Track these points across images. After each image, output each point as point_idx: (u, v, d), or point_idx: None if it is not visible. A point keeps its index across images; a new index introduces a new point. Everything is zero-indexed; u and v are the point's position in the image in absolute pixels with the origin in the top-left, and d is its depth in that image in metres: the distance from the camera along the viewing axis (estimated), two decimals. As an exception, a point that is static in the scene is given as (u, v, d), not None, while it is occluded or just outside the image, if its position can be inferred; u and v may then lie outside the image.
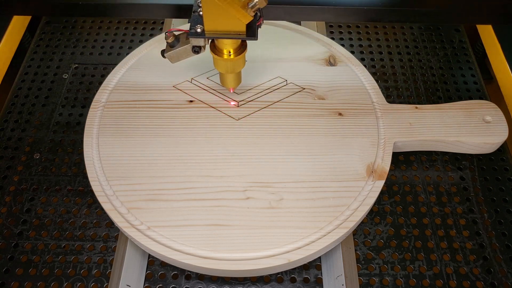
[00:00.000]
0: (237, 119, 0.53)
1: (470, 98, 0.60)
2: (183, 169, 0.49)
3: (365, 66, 0.59)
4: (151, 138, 0.52)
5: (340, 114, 0.54)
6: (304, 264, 0.47)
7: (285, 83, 0.57)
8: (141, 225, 0.45)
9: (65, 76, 0.63)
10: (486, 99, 0.59)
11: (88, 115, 0.54)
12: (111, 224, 0.49)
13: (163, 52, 0.48)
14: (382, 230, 0.49)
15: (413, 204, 0.51)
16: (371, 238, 0.48)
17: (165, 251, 0.44)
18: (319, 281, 0.46)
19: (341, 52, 0.60)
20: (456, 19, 0.54)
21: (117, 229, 0.48)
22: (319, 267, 0.47)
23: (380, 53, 0.66)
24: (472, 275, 0.46)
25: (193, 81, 0.57)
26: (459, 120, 0.54)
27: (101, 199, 0.47)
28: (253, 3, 0.41)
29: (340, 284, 0.44)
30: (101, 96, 0.55)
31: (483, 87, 0.62)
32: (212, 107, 0.54)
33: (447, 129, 0.53)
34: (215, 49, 0.47)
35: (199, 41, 0.45)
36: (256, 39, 0.44)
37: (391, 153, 0.51)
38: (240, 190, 0.48)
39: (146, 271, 0.47)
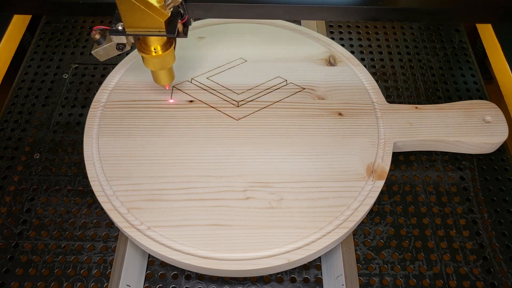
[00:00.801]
0: (237, 119, 0.53)
1: (470, 98, 0.60)
2: (183, 169, 0.49)
3: (365, 66, 0.59)
4: (151, 138, 0.52)
5: (340, 114, 0.54)
6: (304, 264, 0.47)
7: (285, 83, 0.57)
8: (141, 225, 0.45)
9: (65, 76, 0.63)
10: (486, 99, 0.59)
11: (88, 115, 0.54)
12: (111, 224, 0.49)
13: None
14: (382, 230, 0.49)
15: (413, 204, 0.51)
16: (371, 238, 0.48)
17: (165, 251, 0.44)
18: (319, 281, 0.46)
19: (341, 52, 0.60)
20: (456, 18, 0.54)
21: (117, 229, 0.48)
22: (319, 267, 0.47)
23: (380, 53, 0.66)
24: (472, 275, 0.46)
25: (193, 81, 0.57)
26: (459, 120, 0.54)
27: (101, 199, 0.47)
28: (168, 1, 0.41)
29: (340, 284, 0.44)
30: (101, 96, 0.55)
31: (483, 87, 0.62)
32: (212, 107, 0.54)
33: (447, 129, 0.53)
34: (142, 47, 0.47)
35: (121, 39, 0.45)
36: (184, 37, 0.44)
37: (391, 153, 0.51)
38: (240, 190, 0.48)
39: (146, 271, 0.47)
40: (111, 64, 0.63)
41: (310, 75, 0.57)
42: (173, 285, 0.46)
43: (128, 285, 0.44)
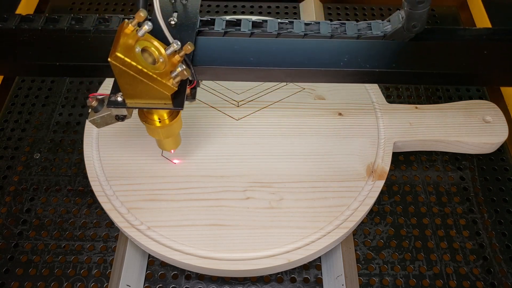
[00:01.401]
0: (237, 119, 0.53)
1: (470, 98, 0.60)
2: (183, 169, 0.49)
3: (365, 66, 0.59)
4: (151, 138, 0.51)
5: (340, 114, 0.54)
6: (304, 264, 0.47)
7: (285, 83, 0.57)
8: (141, 225, 0.45)
9: (65, 76, 0.63)
10: (486, 99, 0.59)
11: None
12: (111, 224, 0.49)
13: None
14: (382, 230, 0.49)
15: (413, 204, 0.51)
16: (371, 238, 0.48)
17: (165, 251, 0.44)
18: (319, 281, 0.46)
19: (341, 52, 0.60)
20: (478, 82, 0.51)
21: (117, 229, 0.48)
22: (319, 267, 0.47)
23: (380, 53, 0.65)
24: (472, 275, 0.46)
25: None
26: (459, 120, 0.53)
27: (101, 199, 0.47)
28: (175, 73, 0.35)
29: (340, 284, 0.44)
30: (101, 96, 0.55)
31: (483, 87, 0.61)
32: (212, 107, 0.54)
33: (447, 129, 0.53)
34: (144, 116, 0.41)
35: (121, 111, 0.39)
36: (192, 100, 0.39)
37: (391, 153, 0.51)
38: (240, 190, 0.48)
39: (146, 271, 0.47)
40: (111, 64, 0.63)
41: (310, 75, 0.57)
42: (173, 285, 0.46)
43: (128, 285, 0.44)
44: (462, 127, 0.53)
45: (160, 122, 0.41)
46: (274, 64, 0.40)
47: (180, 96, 0.38)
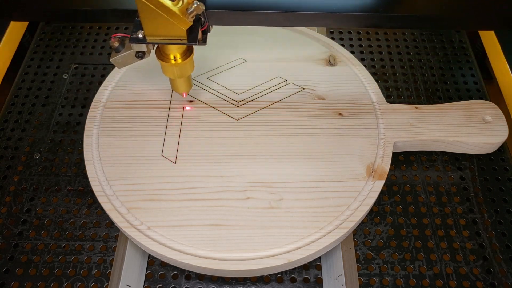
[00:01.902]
0: (237, 119, 0.53)
1: (470, 98, 0.60)
2: (183, 169, 0.49)
3: (365, 66, 0.59)
4: (151, 138, 0.52)
5: (340, 114, 0.54)
6: (304, 264, 0.47)
7: (285, 83, 0.57)
8: (141, 225, 0.45)
9: (65, 76, 0.63)
10: (486, 99, 0.59)
11: (88, 115, 0.54)
12: (111, 224, 0.49)
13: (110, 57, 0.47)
14: (382, 230, 0.49)
15: (413, 204, 0.51)
16: (371, 238, 0.48)
17: (165, 251, 0.44)
18: (319, 281, 0.46)
19: (341, 52, 0.60)
20: (458, 25, 0.54)
21: (117, 229, 0.48)
22: (319, 267, 0.47)
23: (380, 53, 0.66)
24: (472, 275, 0.46)
25: (193, 81, 0.57)
26: (459, 120, 0.54)
27: (101, 199, 0.47)
28: (191, 9, 0.40)
29: (340, 284, 0.44)
30: (101, 96, 0.55)
31: (483, 87, 0.62)
32: (212, 107, 0.54)
33: (447, 129, 0.53)
34: (161, 55, 0.46)
35: (141, 47, 0.44)
36: (203, 44, 0.43)
37: (391, 153, 0.51)
38: (240, 190, 0.48)
39: (146, 271, 0.47)
40: (111, 64, 0.63)
41: (310, 75, 0.57)
42: (173, 285, 0.46)
43: (128, 285, 0.44)
44: (462, 127, 0.53)
45: (174, 60, 0.46)
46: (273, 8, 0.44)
47: (194, 33, 0.42)
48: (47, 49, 0.66)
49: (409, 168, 0.54)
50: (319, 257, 0.48)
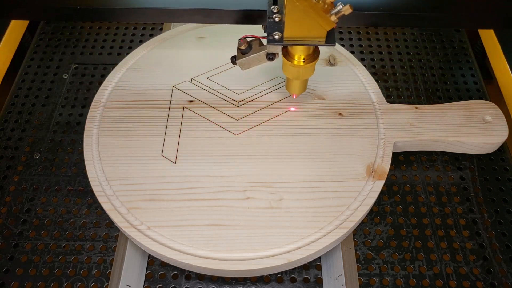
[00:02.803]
0: (237, 119, 0.53)
1: (470, 98, 0.60)
2: (183, 169, 0.49)
3: (365, 66, 0.59)
4: (151, 138, 0.52)
5: (340, 114, 0.54)
6: (304, 264, 0.47)
7: (285, 83, 0.57)
8: (141, 225, 0.45)
9: (65, 76, 0.63)
10: (486, 99, 0.59)
11: (88, 115, 0.54)
12: (111, 224, 0.49)
13: (233, 59, 0.48)
14: (382, 230, 0.49)
15: (413, 204, 0.51)
16: (371, 238, 0.48)
17: (165, 251, 0.44)
18: (319, 281, 0.46)
19: (341, 52, 0.60)
20: (457, 24, 0.54)
21: (117, 229, 0.48)
22: (319, 267, 0.47)
23: (380, 53, 0.66)
24: (472, 275, 0.46)
25: (193, 81, 0.57)
26: (459, 120, 0.53)
27: (101, 199, 0.47)
28: (337, 10, 0.39)
29: (340, 284, 0.44)
30: (101, 96, 0.55)
31: (483, 87, 0.62)
32: (212, 107, 0.54)
33: (447, 129, 0.53)
34: (287, 54, 0.46)
35: (277, 48, 0.45)
36: (335, 45, 0.43)
37: (391, 153, 0.51)
38: (240, 190, 0.48)
39: (146, 271, 0.47)
40: (111, 64, 0.63)
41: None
42: (173, 285, 0.46)
43: (128, 285, 0.44)
44: (462, 127, 0.53)
45: (298, 61, 0.46)
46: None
47: (332, 34, 0.42)
48: (47, 49, 0.66)
49: (409, 168, 0.54)
50: (319, 257, 0.48)
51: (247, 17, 0.46)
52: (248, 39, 0.47)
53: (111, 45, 0.67)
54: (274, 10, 0.44)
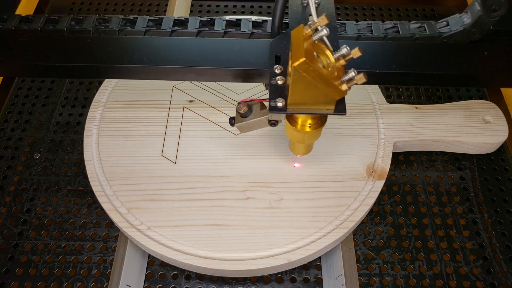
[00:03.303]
0: (237, 119, 0.53)
1: (470, 98, 0.60)
2: (183, 169, 0.49)
3: (365, 66, 0.59)
4: (151, 138, 0.52)
5: (340, 114, 0.54)
6: (304, 264, 0.47)
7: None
8: (141, 225, 0.45)
9: (65, 76, 0.63)
10: (486, 99, 0.59)
11: (88, 115, 0.54)
12: (111, 224, 0.49)
13: (231, 121, 0.44)
14: (382, 230, 0.49)
15: (413, 204, 0.51)
16: (371, 238, 0.48)
17: (165, 251, 0.44)
18: (319, 281, 0.46)
19: (341, 52, 0.60)
20: (480, 84, 0.51)
21: (117, 229, 0.48)
22: (319, 267, 0.47)
23: (380, 53, 0.66)
24: (472, 275, 0.46)
25: (193, 81, 0.57)
26: (459, 120, 0.53)
27: (101, 199, 0.47)
28: (349, 77, 0.33)
29: (340, 284, 0.44)
30: (101, 96, 0.55)
31: (484, 88, 0.62)
32: (212, 107, 0.54)
33: (447, 129, 0.53)
34: (291, 119, 0.41)
35: (280, 116, 0.40)
36: (345, 114, 0.37)
37: (391, 153, 0.51)
38: (240, 190, 0.48)
39: (146, 271, 0.47)
40: (111, 64, 0.63)
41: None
42: (173, 285, 0.46)
43: (128, 285, 0.44)
44: (462, 127, 0.53)
45: (302, 127, 0.40)
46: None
47: (342, 102, 0.36)
48: (47, 49, 0.66)
49: (409, 168, 0.54)
50: (319, 257, 0.48)
51: (247, 75, 0.41)
52: (249, 103, 0.43)
53: (111, 45, 0.66)
54: (277, 71, 0.38)
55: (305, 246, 0.44)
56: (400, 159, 0.55)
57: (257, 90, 0.56)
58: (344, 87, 0.34)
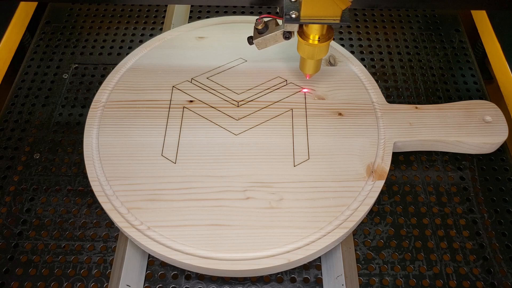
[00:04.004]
0: (237, 119, 0.53)
1: (470, 98, 0.60)
2: (183, 169, 0.49)
3: (365, 66, 0.59)
4: (151, 138, 0.52)
5: (340, 114, 0.54)
6: (304, 264, 0.47)
7: (285, 83, 0.57)
8: (141, 225, 0.45)
9: (65, 76, 0.63)
10: (486, 99, 0.59)
11: (88, 115, 0.54)
12: (111, 224, 0.49)
13: (249, 39, 0.50)
14: (382, 230, 0.49)
15: (413, 204, 0.51)
16: (371, 238, 0.48)
17: (165, 251, 0.44)
18: (319, 281, 0.46)
19: (341, 52, 0.60)
20: (452, 5, 0.55)
21: (117, 229, 0.48)
22: (319, 267, 0.47)
23: (380, 53, 0.66)
24: (472, 275, 0.46)
25: (193, 81, 0.57)
26: (459, 120, 0.54)
27: (101, 199, 0.47)
28: None
29: (340, 284, 0.44)
30: (101, 96, 0.55)
31: (483, 87, 0.62)
32: (212, 107, 0.54)
33: (447, 129, 0.53)
34: (302, 33, 0.48)
35: (294, 27, 0.47)
36: (350, 25, 0.46)
37: (391, 153, 0.51)
38: (240, 190, 0.48)
39: (146, 271, 0.47)
40: (111, 64, 0.63)
41: (310, 75, 0.57)
42: (173, 285, 0.46)
43: (128, 285, 0.44)
44: (462, 127, 0.53)
45: (312, 40, 0.48)
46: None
47: (346, 13, 0.44)
48: (47, 49, 0.66)
49: (409, 168, 0.54)
50: (319, 257, 0.48)
51: None
52: (265, 19, 0.49)
53: (111, 45, 0.67)
54: None
55: (305, 246, 0.44)
56: (400, 159, 0.55)
57: (257, 90, 0.56)
58: None
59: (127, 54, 0.60)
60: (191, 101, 0.55)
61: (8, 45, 0.64)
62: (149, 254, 0.48)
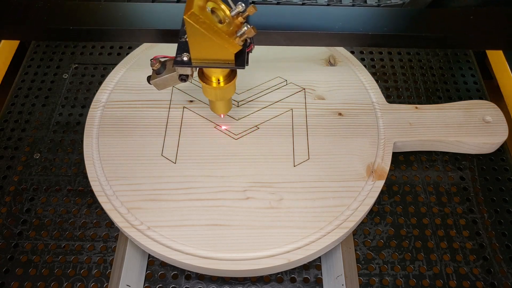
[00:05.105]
0: (237, 119, 0.53)
1: (470, 98, 0.60)
2: (183, 169, 0.49)
3: (365, 66, 0.59)
4: (151, 138, 0.52)
5: (340, 114, 0.54)
6: (304, 264, 0.47)
7: (285, 83, 0.57)
8: (141, 225, 0.45)
9: (65, 76, 0.63)
10: (486, 99, 0.59)
11: (88, 115, 0.54)
12: (111, 224, 0.49)
13: (148, 78, 0.45)
14: (382, 230, 0.49)
15: (413, 204, 0.51)
16: (371, 238, 0.48)
17: (165, 251, 0.44)
18: (319, 281, 0.46)
19: (341, 52, 0.60)
20: (465, 45, 0.53)
21: (117, 229, 0.48)
22: (319, 267, 0.47)
23: (380, 53, 0.66)
24: (472, 275, 0.46)
25: (193, 81, 0.57)
26: (459, 120, 0.54)
27: (101, 199, 0.47)
28: (242, 32, 0.38)
29: (340, 284, 0.44)
30: (101, 96, 0.55)
31: (483, 87, 0.62)
32: (212, 107, 0.54)
33: (447, 129, 0.53)
34: (203, 77, 0.44)
35: (186, 70, 0.43)
36: (244, 68, 0.41)
37: (391, 153, 0.51)
38: (240, 190, 0.48)
39: (146, 271, 0.47)
40: (111, 64, 0.63)
41: (310, 75, 0.57)
42: (173, 285, 0.46)
43: (128, 285, 0.44)
44: (462, 127, 0.53)
45: (217, 83, 0.44)
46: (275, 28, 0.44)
47: (241, 56, 0.40)
48: (47, 49, 0.66)
49: (409, 168, 0.54)
50: (319, 257, 0.48)
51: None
52: (161, 59, 0.44)
53: (111, 45, 0.66)
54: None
55: (305, 246, 0.44)
56: (400, 159, 0.55)
57: (257, 90, 0.56)
58: (237, 40, 0.38)
59: (127, 54, 0.60)
60: (191, 101, 0.55)
61: (8, 45, 0.64)
62: (149, 254, 0.48)
